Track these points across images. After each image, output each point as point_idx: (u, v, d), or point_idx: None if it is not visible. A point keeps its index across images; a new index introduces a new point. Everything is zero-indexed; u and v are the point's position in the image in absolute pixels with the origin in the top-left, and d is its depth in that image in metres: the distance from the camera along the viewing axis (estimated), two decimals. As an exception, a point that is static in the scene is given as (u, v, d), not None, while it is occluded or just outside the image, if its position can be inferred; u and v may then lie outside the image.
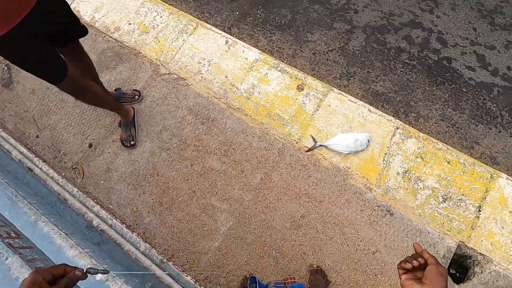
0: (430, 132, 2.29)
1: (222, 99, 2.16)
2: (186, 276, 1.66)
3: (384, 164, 1.91)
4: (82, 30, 1.55)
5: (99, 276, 1.23)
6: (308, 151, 1.97)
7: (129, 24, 2.46)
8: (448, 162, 1.87)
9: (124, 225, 1.86)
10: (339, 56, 2.53)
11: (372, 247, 1.75)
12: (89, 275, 0.71)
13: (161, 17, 2.45)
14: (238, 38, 2.63)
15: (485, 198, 1.79)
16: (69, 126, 2.15)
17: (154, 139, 2.07)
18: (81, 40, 1.60)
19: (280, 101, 2.11)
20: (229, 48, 2.29)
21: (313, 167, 1.93)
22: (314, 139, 1.97)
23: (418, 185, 1.85)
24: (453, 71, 2.42)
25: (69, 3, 1.49)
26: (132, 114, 2.07)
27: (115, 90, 2.16)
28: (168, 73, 2.26)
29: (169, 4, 2.62)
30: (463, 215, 1.77)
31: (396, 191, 1.85)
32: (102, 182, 1.98)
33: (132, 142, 2.02)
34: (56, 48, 1.46)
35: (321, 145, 1.95)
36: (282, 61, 2.49)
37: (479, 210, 1.77)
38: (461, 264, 1.79)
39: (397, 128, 1.98)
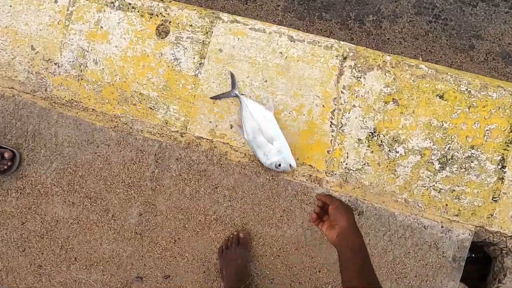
0: (403, 40, 1.41)
1: (38, 92, 1.21)
2: None
3: (333, 131, 1.10)
4: None
5: None
6: (214, 97, 1.12)
7: None
8: (441, 96, 1.06)
9: None
10: None
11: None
12: None
13: None
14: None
15: (511, 143, 1.04)
16: None
17: (-50, 197, 1.20)
18: None
19: (136, 67, 1.17)
20: (21, -11, 1.23)
21: (218, 170, 1.12)
22: (232, 78, 1.11)
23: (397, 152, 1.07)
24: None
25: None
26: None
27: None
28: None
29: None
30: (478, 182, 1.05)
31: (361, 172, 1.09)
32: None
33: (9, 163, 1.15)
34: None
35: (236, 95, 1.09)
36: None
37: (503, 167, 1.04)
38: (484, 252, 1.15)
39: (345, 58, 1.10)
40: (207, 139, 1.14)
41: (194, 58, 1.15)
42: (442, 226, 1.05)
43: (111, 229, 1.15)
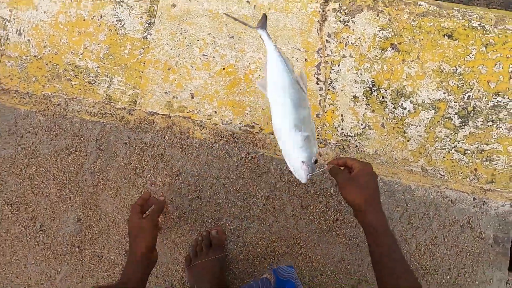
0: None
1: None
2: None
3: (321, 89, 0.87)
4: None
5: None
6: (228, 15, 0.77)
7: None
8: (450, 36, 0.85)
9: None
10: None
11: (347, 278, 0.80)
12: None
13: None
14: None
15: (543, 85, 0.83)
16: None
17: None
18: None
19: (69, 35, 0.94)
20: None
21: (179, 153, 0.87)
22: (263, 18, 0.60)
23: (404, 108, 0.85)
24: None
25: None
26: None
27: None
28: None
29: None
30: (511, 136, 0.82)
31: (362, 138, 0.85)
32: None
33: None
34: None
35: (261, 34, 0.60)
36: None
37: (540, 114, 0.82)
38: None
39: (327, 0, 0.90)
40: (163, 115, 0.90)
41: (141, 17, 0.93)
42: (474, 199, 0.80)
43: (39, 243, 0.86)
